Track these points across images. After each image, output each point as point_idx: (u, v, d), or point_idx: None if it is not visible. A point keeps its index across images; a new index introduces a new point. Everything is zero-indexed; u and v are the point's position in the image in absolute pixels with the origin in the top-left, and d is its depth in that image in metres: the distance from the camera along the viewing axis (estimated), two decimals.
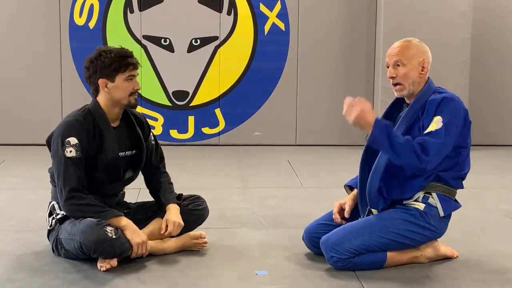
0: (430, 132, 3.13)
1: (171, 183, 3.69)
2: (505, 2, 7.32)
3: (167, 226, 3.46)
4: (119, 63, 3.39)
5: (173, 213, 3.50)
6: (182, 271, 3.25)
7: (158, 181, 3.65)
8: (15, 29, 7.01)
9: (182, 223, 3.48)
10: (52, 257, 3.41)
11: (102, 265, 3.24)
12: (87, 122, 3.37)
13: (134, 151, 3.54)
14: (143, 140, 3.58)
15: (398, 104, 3.41)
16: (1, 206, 4.54)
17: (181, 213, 3.54)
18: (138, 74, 3.49)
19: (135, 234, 3.29)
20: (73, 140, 3.31)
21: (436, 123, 3.13)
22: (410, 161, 3.09)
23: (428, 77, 3.31)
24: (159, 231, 3.47)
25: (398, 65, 3.25)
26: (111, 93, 3.41)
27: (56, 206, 3.44)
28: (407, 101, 3.33)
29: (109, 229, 3.20)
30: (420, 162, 3.08)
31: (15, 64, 7.06)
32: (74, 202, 3.28)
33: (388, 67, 3.30)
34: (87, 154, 3.35)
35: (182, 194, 3.68)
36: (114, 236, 3.19)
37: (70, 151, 3.30)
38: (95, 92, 3.46)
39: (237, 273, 3.22)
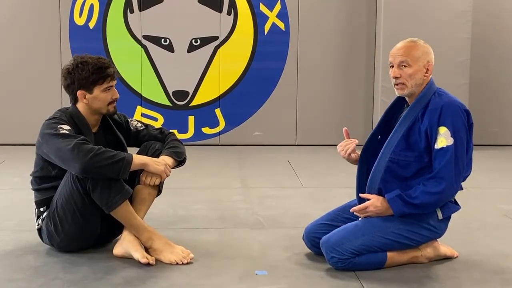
0: (442, 149, 3.13)
1: (176, 140, 3.64)
2: (505, 2, 7.32)
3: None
4: (97, 75, 3.43)
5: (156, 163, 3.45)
6: (182, 271, 3.24)
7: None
8: (15, 29, 7.01)
9: (157, 180, 3.45)
10: (52, 257, 3.41)
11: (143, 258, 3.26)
12: (70, 122, 3.41)
13: None
14: (125, 145, 3.60)
15: (398, 104, 3.39)
16: (1, 206, 4.54)
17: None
18: (116, 83, 3.51)
19: (156, 164, 3.37)
20: (65, 127, 3.33)
21: (445, 138, 3.14)
22: (440, 201, 3.19)
23: (430, 78, 3.29)
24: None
25: (404, 66, 3.22)
26: (89, 104, 3.46)
27: (41, 209, 3.46)
28: (408, 101, 3.32)
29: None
30: (442, 194, 3.15)
31: (15, 64, 7.06)
32: (88, 149, 3.18)
33: (392, 66, 3.26)
34: None
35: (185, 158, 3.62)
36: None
37: (64, 129, 3.30)
38: (74, 101, 3.52)
39: (237, 273, 3.22)
